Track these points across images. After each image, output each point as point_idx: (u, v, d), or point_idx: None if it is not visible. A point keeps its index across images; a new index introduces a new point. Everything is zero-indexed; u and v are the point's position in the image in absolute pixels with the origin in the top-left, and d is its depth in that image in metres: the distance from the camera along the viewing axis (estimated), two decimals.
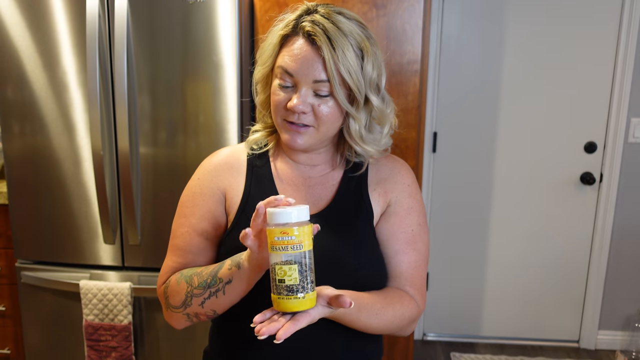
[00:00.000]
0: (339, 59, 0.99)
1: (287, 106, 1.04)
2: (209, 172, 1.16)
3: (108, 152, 2.14)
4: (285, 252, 0.84)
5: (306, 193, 1.14)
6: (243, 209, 1.11)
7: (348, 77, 1.01)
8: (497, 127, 2.95)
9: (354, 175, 1.16)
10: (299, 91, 1.03)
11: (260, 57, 1.10)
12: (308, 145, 1.08)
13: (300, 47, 1.02)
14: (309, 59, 1.01)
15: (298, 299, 0.85)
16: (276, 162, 1.17)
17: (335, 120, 1.06)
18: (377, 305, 1.05)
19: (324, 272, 1.05)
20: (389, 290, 1.12)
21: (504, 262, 3.09)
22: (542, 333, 3.15)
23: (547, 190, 2.99)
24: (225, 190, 1.14)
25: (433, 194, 3.04)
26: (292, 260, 0.84)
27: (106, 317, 2.19)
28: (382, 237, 1.15)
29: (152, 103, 2.10)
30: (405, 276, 1.15)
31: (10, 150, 2.20)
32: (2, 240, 2.39)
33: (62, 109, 2.14)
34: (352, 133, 1.08)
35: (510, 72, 2.89)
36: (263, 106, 1.15)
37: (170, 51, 2.06)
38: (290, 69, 1.02)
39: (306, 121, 1.04)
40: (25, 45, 2.10)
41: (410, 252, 1.15)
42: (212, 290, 1.01)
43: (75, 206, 2.21)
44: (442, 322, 3.19)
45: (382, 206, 1.16)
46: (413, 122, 2.29)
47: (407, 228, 1.16)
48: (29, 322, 2.34)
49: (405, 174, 1.20)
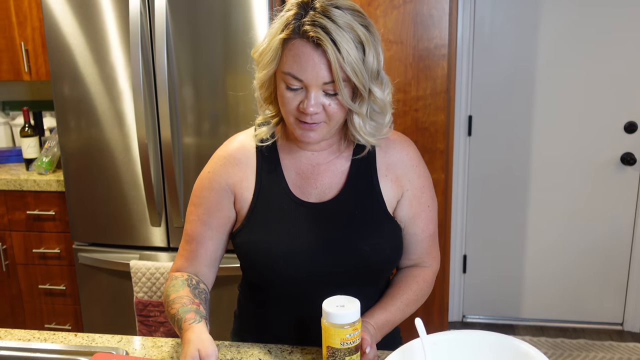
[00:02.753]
0: (344, 59, 1.01)
1: (300, 109, 1.07)
2: (218, 167, 1.21)
3: (152, 141, 2.29)
4: (355, 344, 1.00)
5: (316, 182, 1.19)
6: (255, 203, 1.19)
7: (353, 76, 1.03)
8: (534, 109, 2.94)
9: (361, 160, 1.19)
10: (310, 94, 1.05)
11: (261, 60, 1.10)
12: (321, 139, 1.13)
13: (305, 52, 1.03)
14: (315, 63, 1.03)
15: None
16: (284, 152, 1.21)
17: (343, 115, 1.11)
18: (401, 306, 1.20)
19: (339, 260, 1.15)
20: (403, 280, 1.25)
21: (543, 244, 3.09)
22: (584, 316, 3.13)
23: (587, 171, 2.97)
24: (235, 187, 1.20)
25: (469, 177, 3.07)
26: (356, 348, 1.01)
27: (154, 294, 2.35)
28: (406, 219, 1.22)
29: (195, 95, 2.23)
30: (427, 251, 1.27)
31: (66, 143, 2.39)
32: (61, 224, 2.60)
33: (112, 102, 2.31)
34: (356, 126, 1.12)
35: (547, 53, 2.87)
36: (266, 101, 1.18)
37: (211, 45, 2.18)
38: (299, 74, 1.04)
39: (318, 120, 1.09)
40: (76, 43, 2.27)
41: (431, 225, 1.26)
42: (177, 326, 1.11)
43: (126, 192, 2.38)
44: (481, 304, 3.22)
45: (397, 192, 1.21)
46: (442, 105, 2.34)
47: (424, 206, 1.24)
48: (86, 300, 2.55)
49: (412, 154, 1.24)
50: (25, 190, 2.59)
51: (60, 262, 2.65)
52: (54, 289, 2.68)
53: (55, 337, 1.26)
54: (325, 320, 1.00)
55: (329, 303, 1.01)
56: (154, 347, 1.23)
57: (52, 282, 2.68)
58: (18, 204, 2.62)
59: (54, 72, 2.33)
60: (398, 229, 1.21)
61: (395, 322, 1.20)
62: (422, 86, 2.34)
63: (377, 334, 1.14)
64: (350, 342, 0.99)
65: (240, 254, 1.22)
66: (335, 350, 1.00)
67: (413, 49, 2.30)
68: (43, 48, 2.62)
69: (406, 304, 1.21)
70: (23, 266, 2.69)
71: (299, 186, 1.19)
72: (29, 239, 2.65)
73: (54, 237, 2.62)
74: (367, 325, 1.12)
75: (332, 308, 0.99)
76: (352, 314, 0.99)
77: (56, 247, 2.63)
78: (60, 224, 2.60)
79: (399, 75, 2.34)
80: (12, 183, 2.59)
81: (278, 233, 1.16)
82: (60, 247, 2.63)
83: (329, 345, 1.00)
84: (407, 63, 2.33)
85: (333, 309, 0.99)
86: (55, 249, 2.63)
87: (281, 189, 1.19)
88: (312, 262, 1.15)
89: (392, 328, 1.20)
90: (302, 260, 1.15)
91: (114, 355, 1.16)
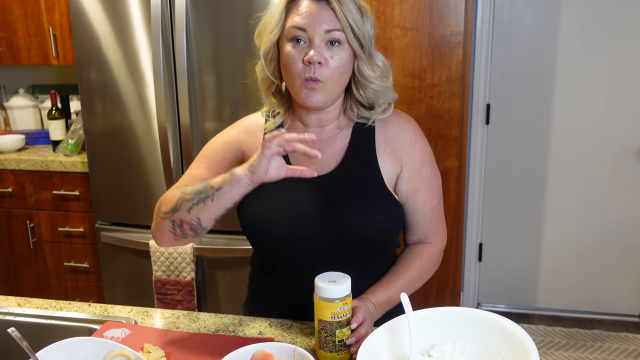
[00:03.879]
0: (348, 9, 1.12)
1: (304, 59, 1.12)
2: (232, 131, 1.30)
3: (172, 125, 2.36)
4: (346, 317, 1.05)
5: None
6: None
7: (356, 27, 1.13)
8: (553, 98, 2.92)
9: (360, 135, 1.24)
10: (314, 43, 1.12)
11: (265, 29, 1.18)
12: (323, 101, 1.17)
13: (308, 5, 1.13)
14: (319, 13, 1.12)
15: (346, 350, 1.08)
16: (289, 131, 1.26)
17: (344, 71, 1.16)
18: (403, 284, 1.24)
19: (332, 230, 1.19)
20: (406, 257, 1.28)
21: (560, 234, 3.08)
22: (600, 306, 3.11)
23: (605, 161, 2.94)
24: (245, 153, 1.27)
25: (487, 166, 3.07)
26: (347, 322, 1.06)
27: (172, 273, 2.43)
28: (406, 193, 1.25)
29: (215, 80, 2.29)
30: (430, 226, 1.29)
31: (91, 126, 2.47)
32: (85, 204, 2.70)
33: (134, 86, 2.38)
34: (364, 74, 1.18)
35: (568, 40, 2.84)
36: (274, 76, 1.22)
37: (232, 30, 2.22)
38: (303, 24, 1.12)
39: (321, 75, 1.13)
40: (101, 28, 2.35)
41: (433, 199, 1.28)
42: (202, 197, 1.11)
43: (147, 174, 2.46)
44: (496, 293, 3.23)
45: (395, 166, 1.25)
46: (457, 92, 2.35)
47: (425, 180, 1.26)
48: (108, 277, 2.65)
49: (411, 129, 1.27)
50: (51, 171, 2.69)
51: (84, 241, 2.75)
52: (78, 266, 2.79)
53: (70, 307, 1.33)
54: (317, 295, 1.04)
55: (321, 278, 1.05)
56: (162, 317, 1.29)
57: (77, 260, 2.79)
58: (45, 184, 2.72)
59: (79, 57, 2.41)
60: (395, 203, 1.24)
61: (396, 300, 1.22)
62: (437, 73, 2.35)
63: (377, 312, 1.18)
64: (341, 316, 1.04)
65: (243, 224, 1.26)
66: (325, 323, 1.04)
67: (428, 36, 2.32)
68: (70, 33, 2.71)
69: (408, 282, 1.24)
70: (49, 244, 2.80)
71: (299, 161, 1.24)
72: (55, 217, 2.76)
73: (78, 216, 2.73)
74: (367, 303, 1.15)
75: (323, 283, 1.03)
76: (343, 289, 1.03)
77: (80, 226, 2.73)
78: (85, 204, 2.70)
79: (414, 62, 2.35)
80: (39, 164, 2.70)
81: (277, 201, 1.21)
82: (84, 226, 2.73)
83: (320, 319, 1.05)
84: (423, 50, 2.34)
85: (324, 284, 1.03)
86: (80, 227, 2.73)
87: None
88: (309, 231, 1.19)
89: (392, 306, 1.23)
90: (299, 229, 1.19)
91: (123, 324, 1.23)
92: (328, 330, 1.05)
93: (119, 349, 1.01)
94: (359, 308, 1.10)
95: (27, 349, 0.98)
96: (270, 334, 1.21)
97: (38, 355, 0.98)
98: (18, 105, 3.12)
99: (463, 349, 0.97)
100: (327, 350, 1.06)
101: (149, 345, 1.13)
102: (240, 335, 1.20)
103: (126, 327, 1.21)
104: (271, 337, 1.19)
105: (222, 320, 1.27)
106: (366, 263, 1.25)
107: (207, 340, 1.17)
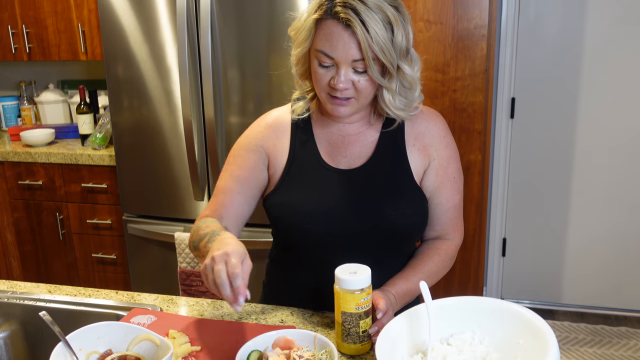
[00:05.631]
0: (372, 38, 1.09)
1: (331, 84, 1.16)
2: (256, 132, 1.32)
3: (197, 120, 2.40)
4: (368, 308, 1.06)
5: (346, 150, 1.27)
6: (289, 168, 1.27)
7: (381, 54, 1.11)
8: (580, 91, 2.89)
9: (390, 131, 1.26)
10: (340, 71, 1.13)
11: (297, 38, 1.19)
12: (350, 114, 1.21)
13: (336, 31, 1.11)
14: (345, 42, 1.10)
15: (369, 340, 1.09)
16: (317, 124, 1.30)
17: (372, 91, 1.18)
18: (422, 277, 1.25)
19: (366, 223, 1.22)
20: (425, 252, 1.30)
21: (586, 230, 3.04)
22: (626, 303, 3.07)
23: (633, 156, 2.89)
24: (269, 151, 1.29)
25: (511, 160, 3.05)
26: (369, 312, 1.07)
27: (197, 265, 2.47)
28: (431, 188, 1.28)
29: (240, 75, 2.31)
30: (451, 222, 1.32)
31: (118, 120, 2.53)
32: (113, 197, 2.76)
33: (161, 81, 2.42)
34: (386, 102, 1.19)
35: (596, 33, 2.80)
36: (302, 77, 1.27)
37: (256, 26, 2.25)
38: (330, 52, 1.13)
39: (348, 95, 1.16)
40: (127, 24, 2.39)
41: (456, 196, 1.30)
42: (199, 254, 1.18)
43: (172, 167, 2.50)
44: (520, 288, 3.20)
45: (424, 161, 1.27)
46: (480, 86, 2.34)
47: (450, 176, 1.29)
48: (135, 269, 2.70)
49: (440, 125, 1.30)
50: (80, 164, 2.76)
51: (112, 233, 2.81)
52: (105, 257, 2.85)
53: (98, 294, 1.37)
54: (338, 287, 1.06)
55: (341, 270, 1.07)
56: (186, 305, 1.32)
57: (104, 252, 2.85)
58: (74, 177, 2.79)
59: (106, 53, 2.46)
60: (424, 197, 1.27)
61: (416, 293, 1.24)
62: (460, 67, 2.34)
63: (397, 303, 1.19)
64: (363, 307, 1.05)
65: (272, 215, 1.29)
66: (348, 315, 1.06)
67: (452, 29, 2.31)
68: (98, 29, 2.77)
69: (427, 275, 1.26)
70: (78, 235, 2.87)
71: (329, 154, 1.27)
72: (84, 210, 2.82)
73: (105, 208, 2.79)
74: (388, 294, 1.17)
75: (344, 275, 1.05)
76: (364, 280, 1.04)
77: (108, 218, 2.79)
78: (112, 197, 2.76)
79: (437, 55, 2.35)
80: (68, 157, 2.76)
81: (308, 194, 1.24)
82: (111, 219, 2.79)
83: (343, 311, 1.06)
84: (446, 43, 2.33)
85: (346, 276, 1.04)
86: (107, 220, 2.79)
87: (313, 156, 1.27)
88: (339, 222, 1.21)
89: (412, 298, 1.25)
90: (330, 220, 1.21)
91: (149, 311, 1.26)
92: (352, 321, 1.06)
93: (146, 333, 1.04)
94: (382, 298, 1.11)
95: (58, 333, 1.02)
96: (292, 322, 1.23)
97: (68, 338, 1.01)
98: (48, 100, 3.20)
99: (482, 337, 0.98)
100: (351, 342, 1.08)
101: (173, 331, 1.16)
102: (263, 323, 1.22)
103: (152, 314, 1.25)
104: (292, 325, 1.21)
105: (244, 308, 1.29)
106: (388, 256, 1.27)
107: (230, 327, 1.20)
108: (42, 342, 1.31)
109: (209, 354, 1.11)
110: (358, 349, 1.08)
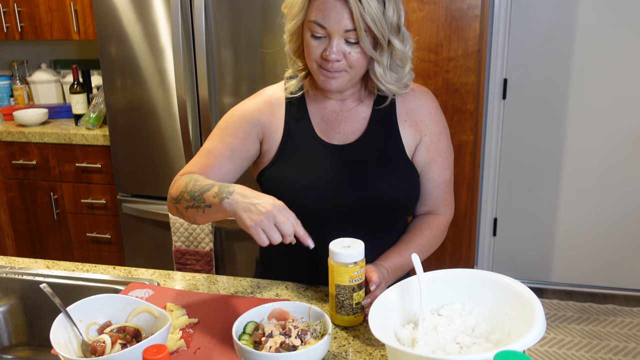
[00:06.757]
0: (364, 8, 1.11)
1: (323, 56, 1.17)
2: (252, 104, 1.32)
3: (191, 99, 2.40)
4: (361, 281, 1.09)
5: (339, 126, 1.29)
6: (284, 144, 1.28)
7: (373, 25, 1.13)
8: (571, 73, 2.91)
9: (381, 108, 1.29)
10: (332, 42, 1.14)
11: (290, 11, 1.20)
12: (341, 87, 1.22)
13: (329, 1, 1.12)
14: (338, 12, 1.12)
15: (362, 311, 1.13)
16: (311, 101, 1.31)
17: (363, 64, 1.20)
18: (414, 251, 1.25)
19: (360, 196, 1.24)
20: (417, 227, 1.33)
21: (575, 210, 3.09)
22: (614, 282, 3.13)
23: (623, 139, 2.92)
24: (264, 126, 1.30)
25: (503, 141, 3.07)
26: (362, 285, 1.10)
27: (191, 244, 2.50)
28: (422, 163, 1.30)
29: (234, 55, 2.32)
30: (442, 197, 1.35)
31: (112, 100, 2.53)
32: (107, 177, 2.77)
33: (154, 60, 2.41)
34: (377, 75, 1.21)
35: (588, 15, 2.82)
36: (295, 54, 1.28)
37: (250, 6, 2.24)
38: (323, 22, 1.14)
39: (340, 68, 1.18)
40: (120, 2, 2.38)
41: (447, 171, 1.34)
42: (195, 204, 1.17)
43: (166, 147, 2.51)
44: (511, 267, 3.26)
45: (416, 136, 1.30)
46: (473, 66, 2.36)
47: (441, 152, 1.32)
48: (130, 248, 2.72)
49: (430, 102, 1.32)
50: (74, 144, 2.76)
51: (106, 212, 2.83)
52: (100, 237, 2.87)
53: (96, 269, 1.40)
54: (334, 260, 1.08)
55: (335, 244, 1.09)
56: (182, 280, 1.35)
57: (99, 231, 2.87)
58: (68, 156, 2.79)
59: (99, 32, 2.45)
60: (415, 172, 1.30)
61: (408, 267, 1.27)
62: (453, 47, 2.36)
63: (389, 277, 1.22)
64: (357, 280, 1.08)
65: (267, 190, 1.30)
66: (342, 287, 1.08)
67: (446, 9, 2.32)
68: (91, 8, 2.75)
69: (419, 249, 1.29)
70: (72, 215, 2.88)
71: (323, 130, 1.29)
72: (78, 189, 2.83)
73: (100, 188, 2.80)
74: (381, 268, 1.20)
75: (339, 248, 1.07)
76: (357, 254, 1.07)
77: (102, 198, 2.80)
78: (106, 176, 2.77)
79: (430, 35, 2.36)
80: (62, 137, 2.76)
81: (303, 169, 1.26)
82: (106, 198, 2.80)
83: (337, 284, 1.09)
84: (439, 24, 2.34)
85: (341, 249, 1.07)
86: (102, 199, 2.80)
87: (307, 132, 1.29)
88: (334, 197, 1.24)
89: (404, 272, 1.28)
90: (325, 195, 1.24)
91: (147, 285, 1.29)
92: (346, 293, 1.09)
93: (144, 305, 1.06)
94: (375, 272, 1.14)
95: (58, 304, 1.04)
96: (287, 296, 1.26)
97: (68, 309, 1.03)
98: (41, 80, 3.19)
99: (472, 308, 1.01)
100: (344, 314, 1.11)
101: (171, 305, 1.19)
102: (258, 297, 1.25)
103: (149, 288, 1.27)
104: (287, 299, 1.23)
105: (240, 282, 1.32)
106: (381, 230, 1.29)
107: (226, 301, 1.23)
108: (41, 316, 1.33)
109: (206, 325, 1.14)
110: (351, 320, 1.11)
